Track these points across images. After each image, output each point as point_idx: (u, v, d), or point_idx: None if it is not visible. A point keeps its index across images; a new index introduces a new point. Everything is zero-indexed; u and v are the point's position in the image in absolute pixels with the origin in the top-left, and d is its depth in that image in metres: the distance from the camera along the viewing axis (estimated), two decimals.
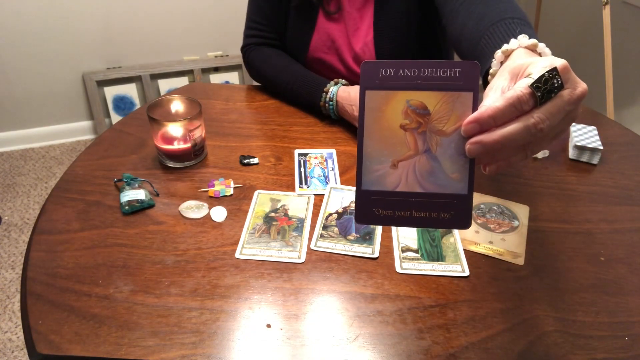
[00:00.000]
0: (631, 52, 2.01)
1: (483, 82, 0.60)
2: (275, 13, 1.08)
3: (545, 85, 0.40)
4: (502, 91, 0.44)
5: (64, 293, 0.62)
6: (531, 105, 0.40)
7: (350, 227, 0.74)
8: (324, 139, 0.94)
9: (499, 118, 0.40)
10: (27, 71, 2.15)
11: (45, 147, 2.31)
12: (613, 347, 0.58)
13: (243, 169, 0.86)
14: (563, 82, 0.41)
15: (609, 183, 0.85)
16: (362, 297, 0.63)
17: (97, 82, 2.24)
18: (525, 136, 0.40)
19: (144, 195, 0.77)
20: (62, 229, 0.72)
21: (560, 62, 0.41)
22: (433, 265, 0.68)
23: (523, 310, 0.62)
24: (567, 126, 0.44)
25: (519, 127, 0.40)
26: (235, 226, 0.74)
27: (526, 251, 0.71)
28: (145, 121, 0.96)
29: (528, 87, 0.40)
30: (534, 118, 0.40)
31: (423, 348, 0.57)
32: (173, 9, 2.22)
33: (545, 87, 0.40)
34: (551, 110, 0.40)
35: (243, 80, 2.46)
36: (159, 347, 0.56)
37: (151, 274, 0.65)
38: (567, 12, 2.39)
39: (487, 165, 0.44)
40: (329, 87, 0.97)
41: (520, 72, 0.45)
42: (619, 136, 0.98)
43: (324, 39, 1.05)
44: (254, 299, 0.62)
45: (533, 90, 0.40)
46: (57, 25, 2.09)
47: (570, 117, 0.43)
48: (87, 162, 0.86)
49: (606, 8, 1.65)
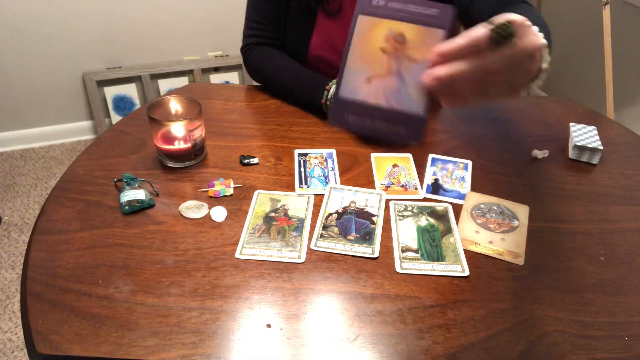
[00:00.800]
0: (631, 52, 2.01)
1: None
2: (275, 13, 1.08)
3: (500, 30, 0.45)
4: None
5: (64, 293, 0.62)
6: (485, 46, 0.45)
7: (350, 227, 0.74)
8: (324, 139, 0.94)
9: (457, 52, 0.45)
10: (27, 71, 2.15)
11: (45, 147, 2.31)
12: (613, 347, 0.58)
13: (243, 169, 0.86)
14: (517, 33, 0.45)
15: (609, 183, 0.85)
16: (362, 297, 0.63)
17: (97, 82, 2.24)
18: (474, 73, 0.45)
19: (144, 195, 0.77)
20: (62, 229, 0.72)
21: (520, 17, 0.46)
22: (433, 265, 0.68)
23: (523, 310, 0.62)
24: (523, 78, 0.48)
25: (470, 63, 0.45)
26: (235, 226, 0.74)
27: (526, 251, 0.71)
28: (145, 121, 0.96)
29: (485, 29, 0.45)
30: (485, 58, 0.45)
31: (423, 348, 0.57)
32: (173, 9, 2.22)
33: (500, 32, 0.44)
34: (501, 55, 0.45)
35: (243, 80, 2.47)
36: (159, 347, 0.56)
37: (151, 274, 0.65)
38: (567, 12, 2.39)
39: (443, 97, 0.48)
40: (331, 84, 0.97)
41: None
42: (619, 136, 0.98)
43: (325, 39, 1.06)
44: (254, 299, 0.62)
45: (489, 32, 0.45)
46: (57, 25, 2.09)
47: (524, 69, 0.47)
48: (87, 162, 0.86)
49: (606, 8, 1.65)
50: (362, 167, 0.87)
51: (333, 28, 1.05)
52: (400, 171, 0.86)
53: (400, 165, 0.87)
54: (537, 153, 0.91)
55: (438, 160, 0.89)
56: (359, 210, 0.77)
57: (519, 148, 0.93)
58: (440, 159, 0.90)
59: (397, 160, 0.89)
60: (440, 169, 0.87)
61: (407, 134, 0.54)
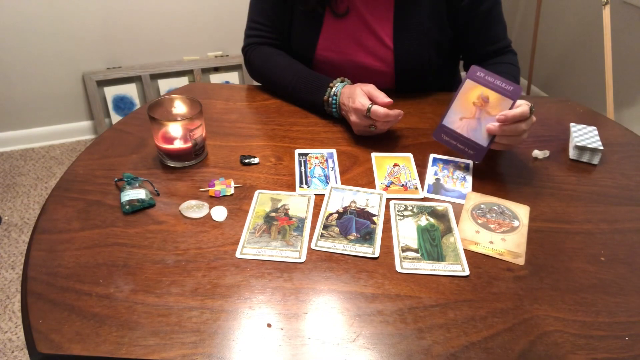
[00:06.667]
0: (631, 52, 2.01)
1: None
2: (278, 15, 1.08)
3: (531, 109, 0.81)
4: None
5: (64, 292, 0.62)
6: (527, 117, 0.81)
7: (350, 227, 0.74)
8: (324, 138, 0.94)
9: (517, 117, 0.80)
10: (27, 71, 2.14)
11: (45, 147, 2.30)
12: (613, 347, 0.58)
13: (243, 168, 0.86)
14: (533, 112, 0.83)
15: (609, 183, 0.85)
16: (362, 296, 0.63)
17: (97, 82, 2.24)
18: (519, 130, 0.82)
19: (144, 194, 0.77)
20: (62, 228, 0.72)
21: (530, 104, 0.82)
22: (433, 265, 0.68)
23: (523, 310, 0.62)
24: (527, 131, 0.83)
25: (519, 125, 0.81)
26: (235, 226, 0.74)
27: (526, 251, 0.71)
28: (145, 121, 0.96)
29: (528, 108, 0.81)
30: (524, 123, 0.81)
31: (423, 348, 0.57)
32: (173, 9, 2.22)
33: (531, 110, 0.81)
34: (528, 122, 0.82)
35: (243, 80, 2.47)
36: (159, 346, 0.56)
37: (152, 273, 0.65)
38: (567, 12, 2.39)
39: (496, 140, 0.83)
40: (336, 82, 0.97)
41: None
42: (619, 136, 0.99)
43: (332, 40, 1.06)
44: (254, 299, 0.62)
45: (530, 109, 0.81)
46: (57, 25, 2.09)
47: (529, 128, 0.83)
48: (88, 161, 0.86)
49: (606, 8, 1.65)
50: (362, 167, 0.87)
51: (340, 29, 1.05)
52: (401, 171, 0.86)
53: (400, 165, 0.87)
54: (538, 153, 0.91)
55: (439, 160, 0.89)
56: (360, 210, 0.77)
57: (519, 148, 0.93)
58: (441, 158, 0.90)
59: (398, 159, 0.89)
60: (441, 169, 0.87)
61: (474, 155, 0.85)
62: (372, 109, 0.86)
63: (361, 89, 0.90)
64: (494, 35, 1.07)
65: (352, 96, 0.90)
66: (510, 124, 0.80)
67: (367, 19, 1.03)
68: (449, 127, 0.87)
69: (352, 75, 1.04)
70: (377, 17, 1.03)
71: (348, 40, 1.05)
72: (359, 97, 0.89)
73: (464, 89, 0.85)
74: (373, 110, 0.86)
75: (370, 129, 0.90)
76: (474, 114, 0.84)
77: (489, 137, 0.83)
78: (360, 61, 1.06)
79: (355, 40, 1.05)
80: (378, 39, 1.04)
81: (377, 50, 1.05)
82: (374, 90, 0.90)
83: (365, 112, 0.87)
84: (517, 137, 0.82)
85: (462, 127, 0.86)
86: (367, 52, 1.05)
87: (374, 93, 0.89)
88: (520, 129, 0.81)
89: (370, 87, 0.91)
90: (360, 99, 0.88)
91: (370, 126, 0.90)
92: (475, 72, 0.84)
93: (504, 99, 0.82)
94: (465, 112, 0.85)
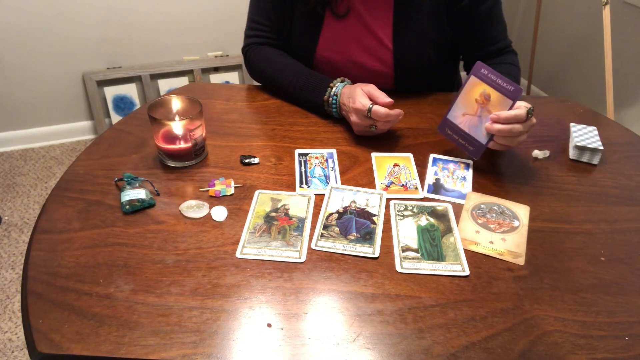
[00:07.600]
0: (631, 52, 2.01)
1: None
2: (278, 15, 1.08)
3: (529, 112, 0.82)
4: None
5: (64, 292, 0.62)
6: (524, 119, 0.81)
7: (350, 227, 0.74)
8: (324, 138, 0.94)
9: (510, 119, 0.81)
10: (27, 71, 2.14)
11: (45, 147, 2.30)
12: (613, 347, 0.58)
13: (244, 168, 0.86)
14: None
15: (609, 183, 0.85)
16: (362, 296, 0.63)
17: (97, 82, 2.24)
18: (515, 132, 0.81)
19: (144, 194, 0.77)
20: (62, 228, 0.72)
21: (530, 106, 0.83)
22: (433, 265, 0.68)
23: (523, 310, 0.62)
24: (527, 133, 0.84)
25: (515, 126, 0.81)
26: (235, 226, 0.74)
27: (526, 251, 0.71)
28: (145, 121, 0.96)
29: (525, 111, 0.81)
30: (521, 125, 0.82)
31: (423, 348, 0.57)
32: (173, 9, 2.22)
33: (529, 113, 0.82)
34: (527, 124, 0.82)
35: (243, 80, 2.47)
36: (159, 346, 0.56)
37: (152, 273, 0.65)
38: (567, 12, 2.39)
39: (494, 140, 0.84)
40: (336, 82, 0.97)
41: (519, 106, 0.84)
42: (619, 136, 0.99)
43: (332, 41, 1.06)
44: (254, 299, 0.62)
45: (528, 111, 0.82)
46: (57, 25, 2.09)
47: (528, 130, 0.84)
48: (88, 161, 0.86)
49: (606, 8, 1.65)
50: (362, 167, 0.87)
51: (340, 29, 1.05)
52: (401, 170, 0.86)
53: (400, 165, 0.87)
54: (538, 153, 0.91)
55: (439, 160, 0.89)
56: (360, 210, 0.77)
57: (519, 148, 0.93)
58: (441, 158, 0.90)
59: (398, 159, 0.89)
60: (441, 169, 0.87)
61: (473, 151, 0.87)
62: (373, 109, 0.86)
63: (361, 89, 0.90)
64: (494, 36, 1.07)
65: (353, 96, 0.90)
66: (504, 124, 0.81)
67: (367, 19, 1.03)
68: (453, 121, 0.88)
69: (352, 75, 1.04)
70: (377, 18, 1.03)
71: (348, 40, 1.05)
72: (360, 97, 0.89)
73: (468, 85, 0.86)
74: (374, 110, 0.86)
75: (371, 129, 0.90)
76: (476, 111, 0.85)
77: (488, 135, 0.84)
78: (360, 62, 1.06)
79: (355, 41, 1.05)
80: (378, 39, 1.04)
81: (376, 51, 1.05)
82: (374, 91, 0.90)
83: (366, 112, 0.87)
84: (514, 139, 0.82)
85: (464, 123, 0.87)
86: (367, 52, 1.05)
87: (374, 93, 0.89)
88: (516, 131, 0.81)
89: (371, 87, 0.91)
90: (360, 99, 0.88)
91: (370, 126, 0.90)
92: (480, 69, 0.84)
93: (504, 99, 0.82)
94: (468, 108, 0.86)
